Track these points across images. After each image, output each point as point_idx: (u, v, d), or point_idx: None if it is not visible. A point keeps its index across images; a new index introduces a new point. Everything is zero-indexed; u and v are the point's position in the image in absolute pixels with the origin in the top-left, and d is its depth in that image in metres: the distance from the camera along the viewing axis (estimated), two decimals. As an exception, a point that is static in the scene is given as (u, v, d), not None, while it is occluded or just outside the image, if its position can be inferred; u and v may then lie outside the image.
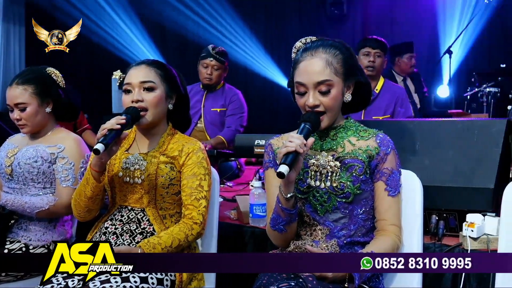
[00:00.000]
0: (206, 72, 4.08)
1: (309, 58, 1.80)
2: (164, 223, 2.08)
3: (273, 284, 1.64)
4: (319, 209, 1.83)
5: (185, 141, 2.15)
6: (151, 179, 2.05)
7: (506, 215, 1.80)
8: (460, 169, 2.17)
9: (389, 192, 1.83)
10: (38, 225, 2.36)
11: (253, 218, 2.51)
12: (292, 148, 1.64)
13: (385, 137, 1.86)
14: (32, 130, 2.42)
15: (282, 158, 1.65)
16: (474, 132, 2.19)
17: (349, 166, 1.81)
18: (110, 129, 1.92)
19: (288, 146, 1.65)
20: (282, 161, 1.64)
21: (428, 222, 2.17)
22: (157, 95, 2.07)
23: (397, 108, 3.75)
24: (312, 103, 1.78)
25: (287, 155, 1.64)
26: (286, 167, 1.62)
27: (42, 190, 2.38)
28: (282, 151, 1.66)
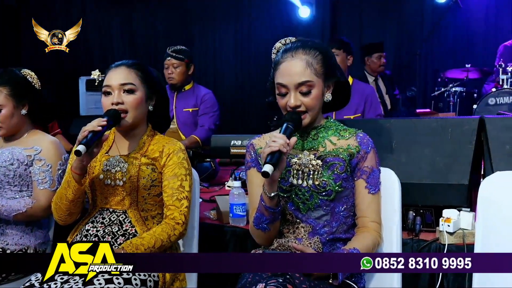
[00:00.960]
0: (167, 72, 4.10)
1: (290, 59, 1.83)
2: (146, 224, 2.08)
3: (259, 282, 1.65)
4: (301, 207, 1.86)
5: (165, 142, 2.14)
6: (133, 181, 2.04)
7: (482, 210, 1.86)
8: (436, 166, 2.23)
9: (369, 190, 1.87)
10: (15, 229, 2.32)
11: (233, 217, 2.53)
12: (276, 147, 1.67)
13: (365, 136, 1.90)
14: (8, 132, 2.38)
15: (267, 157, 1.67)
16: (448, 130, 2.26)
17: (330, 164, 1.85)
18: (91, 130, 1.91)
19: (272, 145, 1.67)
20: (266, 160, 1.66)
21: (406, 218, 2.22)
22: (137, 97, 2.07)
23: (366, 106, 3.82)
24: (293, 104, 1.81)
25: (271, 155, 1.67)
26: (270, 167, 1.65)
27: (18, 193, 2.35)
28: (266, 150, 1.68)
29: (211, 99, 4.21)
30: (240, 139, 3.15)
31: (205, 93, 4.21)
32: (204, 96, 4.18)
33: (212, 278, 2.42)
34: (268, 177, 1.66)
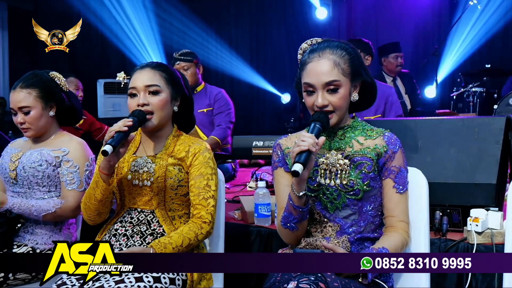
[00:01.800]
0: None
1: (317, 59, 1.84)
2: (174, 224, 2.09)
3: (290, 280, 1.66)
4: (329, 207, 1.87)
5: (191, 142, 2.16)
6: (160, 181, 2.06)
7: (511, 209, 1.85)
8: (462, 166, 2.23)
9: (397, 189, 1.87)
10: (44, 229, 2.36)
11: (258, 217, 2.54)
12: (305, 147, 1.68)
13: (392, 135, 1.90)
14: (36, 133, 2.41)
15: (296, 157, 1.68)
16: (474, 129, 2.25)
17: (358, 164, 1.85)
18: (118, 131, 1.93)
19: (301, 145, 1.68)
20: (296, 159, 1.67)
21: (432, 218, 2.21)
22: (163, 99, 2.08)
23: (387, 107, 3.81)
24: (321, 103, 1.82)
25: (300, 154, 1.68)
26: (300, 166, 1.66)
27: (47, 193, 2.38)
28: (295, 150, 1.69)
29: (224, 97, 4.22)
30: (262, 140, 3.16)
31: (217, 92, 4.23)
32: (216, 95, 4.20)
33: (239, 277, 2.43)
34: (298, 176, 1.67)
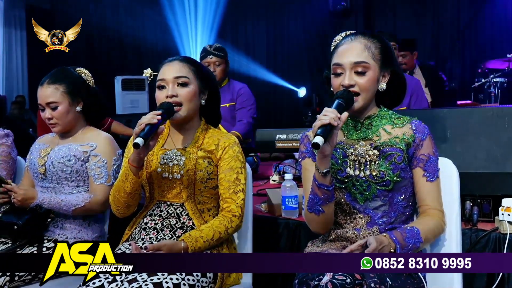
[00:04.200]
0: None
1: (349, 42, 1.85)
2: (203, 217, 2.10)
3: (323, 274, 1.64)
4: (359, 198, 1.85)
5: (220, 135, 2.17)
6: (190, 174, 2.07)
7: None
8: (492, 155, 2.20)
9: (428, 177, 1.85)
10: (73, 223, 2.38)
11: (286, 210, 2.54)
12: (326, 120, 1.65)
13: (419, 123, 1.88)
14: (63, 129, 2.43)
15: (317, 130, 1.66)
16: (504, 118, 2.23)
17: (387, 154, 1.84)
18: (148, 123, 1.93)
19: (322, 119, 1.66)
20: (317, 132, 1.65)
21: (463, 208, 2.19)
22: (191, 90, 2.09)
23: (412, 99, 3.78)
24: (347, 83, 1.81)
25: (321, 128, 1.66)
26: (321, 138, 1.63)
27: (75, 188, 2.40)
28: (317, 124, 1.66)
29: (247, 92, 4.20)
30: (286, 133, 3.16)
31: (241, 87, 4.21)
32: (239, 90, 4.18)
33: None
34: (318, 148, 1.64)
